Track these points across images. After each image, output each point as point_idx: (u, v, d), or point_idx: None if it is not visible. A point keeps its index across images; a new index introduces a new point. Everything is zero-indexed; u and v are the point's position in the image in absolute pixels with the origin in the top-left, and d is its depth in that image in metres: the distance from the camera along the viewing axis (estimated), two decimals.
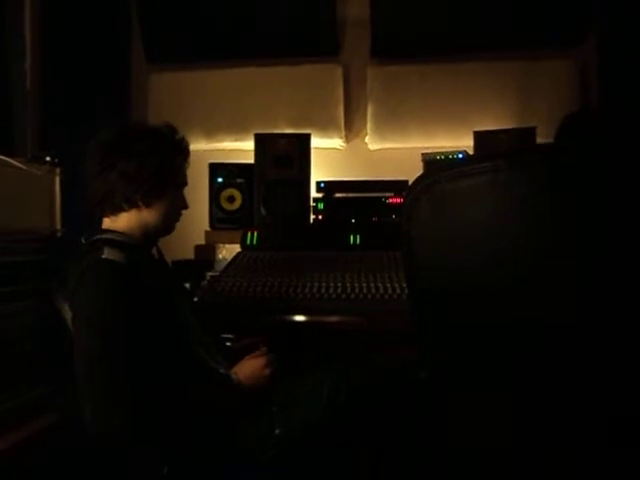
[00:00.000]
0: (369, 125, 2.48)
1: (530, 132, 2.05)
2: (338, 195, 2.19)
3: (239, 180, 2.26)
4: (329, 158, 2.49)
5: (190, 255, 2.24)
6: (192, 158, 1.37)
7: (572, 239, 0.70)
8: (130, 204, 1.22)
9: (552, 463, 0.77)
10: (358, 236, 1.98)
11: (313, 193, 2.20)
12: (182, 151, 1.31)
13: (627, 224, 0.68)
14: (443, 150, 2.20)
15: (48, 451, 1.37)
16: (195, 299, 1.59)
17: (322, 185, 2.20)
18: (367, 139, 2.50)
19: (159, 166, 1.22)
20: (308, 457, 1.22)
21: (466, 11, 2.33)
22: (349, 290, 1.56)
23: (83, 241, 1.23)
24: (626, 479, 0.75)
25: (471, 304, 0.79)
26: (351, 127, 2.56)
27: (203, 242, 2.27)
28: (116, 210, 1.24)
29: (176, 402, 1.12)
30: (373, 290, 1.55)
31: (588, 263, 0.69)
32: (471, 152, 2.17)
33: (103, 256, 1.13)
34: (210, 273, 1.94)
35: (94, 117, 2.09)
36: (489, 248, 0.75)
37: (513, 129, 2.14)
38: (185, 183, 1.34)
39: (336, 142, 2.53)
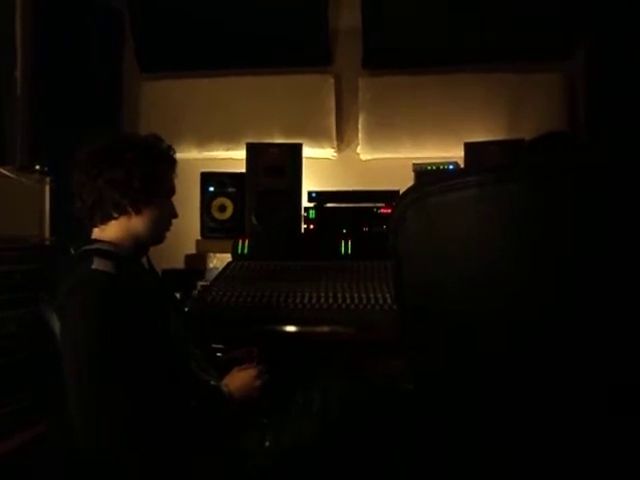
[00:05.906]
0: (360, 135, 2.50)
1: (520, 144, 2.07)
2: (329, 205, 2.20)
3: (230, 189, 2.27)
4: (321, 168, 2.50)
5: (180, 264, 2.23)
6: (183, 167, 1.38)
7: (561, 252, 0.70)
8: (119, 211, 1.22)
9: (553, 469, 0.77)
10: (349, 246, 1.98)
11: (304, 203, 2.21)
12: (167, 159, 1.32)
13: (619, 238, 0.68)
14: (434, 161, 2.22)
15: (37, 461, 1.36)
16: (186, 309, 1.58)
17: (313, 195, 2.21)
18: (358, 149, 2.52)
19: (146, 173, 1.23)
20: (298, 470, 1.21)
21: (457, 23, 2.36)
22: (340, 300, 1.56)
23: (72, 251, 1.23)
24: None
25: (459, 317, 0.79)
26: (343, 137, 2.57)
27: (194, 251, 2.27)
28: (106, 218, 1.23)
29: (167, 415, 1.11)
30: (364, 300, 1.55)
31: (579, 276, 0.69)
32: (461, 163, 2.19)
33: (93, 266, 1.12)
34: (201, 282, 1.94)
35: (85, 126, 2.08)
36: (477, 261, 0.75)
37: (503, 141, 2.16)
38: (173, 192, 1.35)
39: (328, 152, 2.54)
